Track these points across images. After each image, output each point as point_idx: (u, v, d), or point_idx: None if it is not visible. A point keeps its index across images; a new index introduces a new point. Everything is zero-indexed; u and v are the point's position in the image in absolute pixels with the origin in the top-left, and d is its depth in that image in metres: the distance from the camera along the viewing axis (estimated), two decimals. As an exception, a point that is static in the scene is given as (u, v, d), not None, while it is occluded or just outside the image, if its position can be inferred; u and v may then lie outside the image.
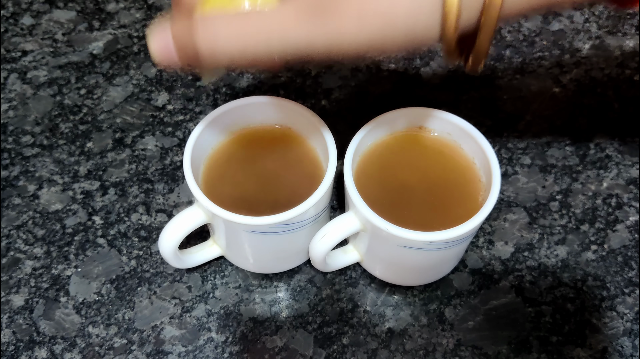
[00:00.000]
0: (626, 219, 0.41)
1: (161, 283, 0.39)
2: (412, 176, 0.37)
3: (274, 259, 0.38)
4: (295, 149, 0.38)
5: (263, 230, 0.33)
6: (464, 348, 0.36)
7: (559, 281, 0.39)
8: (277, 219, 0.32)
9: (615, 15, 0.52)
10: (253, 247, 0.36)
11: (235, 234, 0.35)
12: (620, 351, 0.37)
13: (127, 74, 0.47)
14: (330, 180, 0.34)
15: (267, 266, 0.39)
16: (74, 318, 0.37)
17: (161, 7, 0.51)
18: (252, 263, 0.39)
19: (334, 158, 0.34)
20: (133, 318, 0.37)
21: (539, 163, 0.44)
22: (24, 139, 0.44)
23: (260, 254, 0.37)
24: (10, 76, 0.47)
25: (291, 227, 0.34)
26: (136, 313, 0.37)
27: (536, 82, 0.48)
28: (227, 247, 0.37)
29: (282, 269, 0.39)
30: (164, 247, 0.34)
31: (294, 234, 0.35)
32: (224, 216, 0.32)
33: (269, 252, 0.37)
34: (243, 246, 0.36)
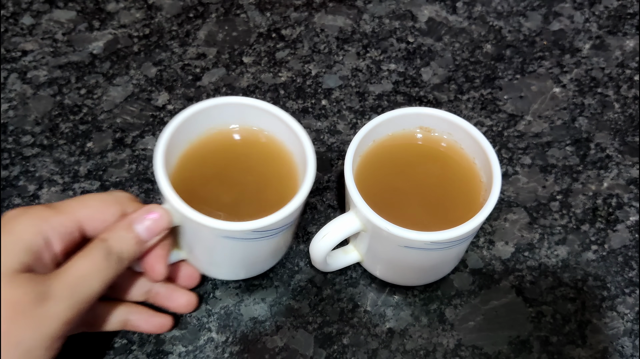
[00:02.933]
0: (626, 219, 0.41)
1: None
2: (412, 176, 0.37)
3: (241, 266, 0.38)
4: (273, 154, 0.37)
5: (236, 236, 0.32)
6: (464, 348, 0.36)
7: (560, 281, 0.39)
8: (254, 225, 0.31)
9: (616, 15, 0.52)
10: (221, 254, 0.36)
11: (205, 239, 0.34)
12: (621, 351, 0.37)
13: (127, 74, 0.47)
14: (309, 187, 0.33)
15: (234, 272, 0.38)
16: (74, 318, 0.37)
17: (161, 7, 0.51)
18: (216, 269, 0.38)
19: (313, 165, 0.34)
20: (133, 318, 0.37)
21: (539, 163, 0.44)
22: (24, 139, 0.44)
23: (229, 260, 0.37)
24: (10, 76, 0.47)
25: (265, 235, 0.33)
26: (136, 313, 0.37)
27: (536, 82, 0.48)
28: (190, 252, 0.36)
29: (247, 276, 0.39)
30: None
31: (266, 241, 0.34)
32: (197, 220, 0.31)
33: (239, 258, 0.36)
34: (211, 251, 0.36)
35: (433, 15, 0.52)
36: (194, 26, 0.50)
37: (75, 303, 0.28)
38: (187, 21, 0.50)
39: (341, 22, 0.51)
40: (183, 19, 0.51)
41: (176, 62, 0.48)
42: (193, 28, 0.50)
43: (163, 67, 0.48)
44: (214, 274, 0.38)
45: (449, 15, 0.52)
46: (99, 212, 0.32)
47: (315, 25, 0.51)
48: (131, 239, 0.31)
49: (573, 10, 0.52)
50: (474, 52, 0.49)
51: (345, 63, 0.49)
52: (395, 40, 0.50)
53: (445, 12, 0.52)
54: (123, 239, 0.31)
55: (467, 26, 0.51)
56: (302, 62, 0.48)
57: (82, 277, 0.29)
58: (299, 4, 0.52)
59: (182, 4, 0.52)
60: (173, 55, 0.48)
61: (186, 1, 0.52)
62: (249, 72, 0.48)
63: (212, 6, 0.51)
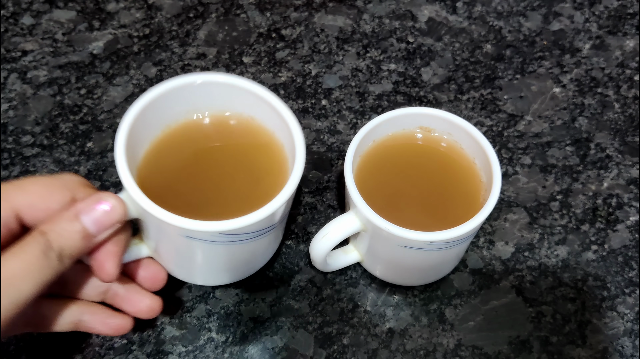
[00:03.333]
0: (626, 219, 0.41)
1: (161, 283, 0.38)
2: (412, 176, 0.37)
3: (209, 271, 0.35)
4: (258, 145, 0.33)
5: (202, 238, 0.28)
6: (464, 348, 0.36)
7: (560, 281, 0.39)
8: (222, 226, 0.27)
9: (616, 15, 0.52)
10: (185, 256, 0.32)
11: (168, 238, 0.30)
12: (621, 351, 0.37)
13: (127, 74, 0.47)
14: (294, 186, 0.28)
15: (201, 277, 0.36)
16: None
17: (161, 7, 0.51)
18: (182, 272, 0.34)
19: (301, 159, 0.30)
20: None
21: (539, 163, 0.44)
22: (24, 139, 0.44)
23: (194, 264, 0.33)
24: (10, 76, 0.47)
25: (237, 239, 0.29)
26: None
27: (536, 82, 0.48)
28: (155, 250, 0.33)
29: (217, 283, 0.37)
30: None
31: (239, 246, 0.30)
32: (155, 214, 0.27)
33: (206, 263, 0.33)
34: (175, 252, 0.32)
35: (433, 15, 0.52)
36: (194, 26, 0.50)
37: (6, 307, 0.24)
38: (187, 21, 0.50)
39: (341, 22, 0.51)
40: (183, 19, 0.51)
41: (176, 62, 0.48)
42: (193, 28, 0.50)
43: (163, 67, 0.48)
44: (181, 277, 0.35)
45: (449, 15, 0.52)
46: (41, 199, 0.28)
47: (315, 25, 0.51)
48: (76, 233, 0.27)
49: (573, 10, 0.52)
50: (474, 52, 0.49)
51: (345, 63, 0.49)
52: (395, 40, 0.50)
53: (445, 12, 0.52)
54: (66, 232, 0.27)
55: (467, 26, 0.51)
56: (302, 62, 0.48)
57: (13, 278, 0.25)
58: (299, 4, 0.52)
59: (182, 4, 0.51)
60: (173, 55, 0.48)
61: (186, 1, 0.52)
62: (249, 72, 0.48)
63: (212, 6, 0.51)
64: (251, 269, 0.36)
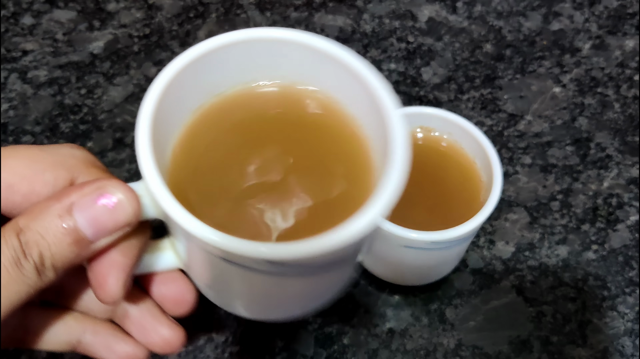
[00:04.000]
0: (627, 218, 0.41)
1: (161, 283, 0.38)
2: (412, 176, 0.32)
3: (250, 304, 0.26)
4: (338, 136, 0.24)
5: (243, 263, 0.19)
6: (464, 347, 0.36)
7: (560, 281, 0.39)
8: (275, 252, 0.18)
9: (616, 15, 0.52)
10: (220, 280, 0.23)
11: (198, 254, 0.21)
12: (621, 350, 0.37)
13: (127, 74, 0.47)
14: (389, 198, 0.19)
15: (239, 307, 0.26)
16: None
17: (161, 7, 0.51)
18: (216, 296, 0.26)
19: (400, 165, 0.20)
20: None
21: (539, 163, 0.44)
22: (24, 139, 0.44)
23: (232, 292, 0.25)
24: (10, 76, 0.47)
25: (297, 271, 0.20)
26: (136, 313, 0.37)
27: (537, 82, 0.48)
28: (186, 263, 0.24)
29: (261, 318, 0.30)
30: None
31: (298, 281, 0.21)
32: (179, 220, 0.18)
33: (246, 293, 0.24)
34: (207, 272, 0.23)
35: (433, 15, 0.52)
36: (194, 26, 0.50)
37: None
38: (187, 21, 0.50)
39: (341, 21, 0.51)
40: (183, 19, 0.51)
41: (176, 62, 0.48)
42: (193, 28, 0.50)
43: (163, 66, 0.48)
44: (214, 301, 0.26)
45: (449, 15, 0.52)
46: (23, 179, 0.20)
47: (315, 25, 0.51)
48: (65, 236, 0.19)
49: (573, 10, 0.52)
50: (474, 52, 0.49)
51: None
52: (396, 40, 0.50)
53: (446, 11, 0.52)
54: (51, 233, 0.19)
55: (467, 26, 0.51)
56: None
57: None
58: (299, 4, 0.52)
59: (182, 4, 0.51)
60: (173, 55, 0.48)
61: (186, 1, 0.52)
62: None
63: (213, 6, 0.51)
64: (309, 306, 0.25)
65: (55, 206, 0.19)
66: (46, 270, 0.19)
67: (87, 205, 0.19)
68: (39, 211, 0.19)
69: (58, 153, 0.21)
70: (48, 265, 0.19)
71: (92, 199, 0.19)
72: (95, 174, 0.21)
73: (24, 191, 0.20)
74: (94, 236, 0.20)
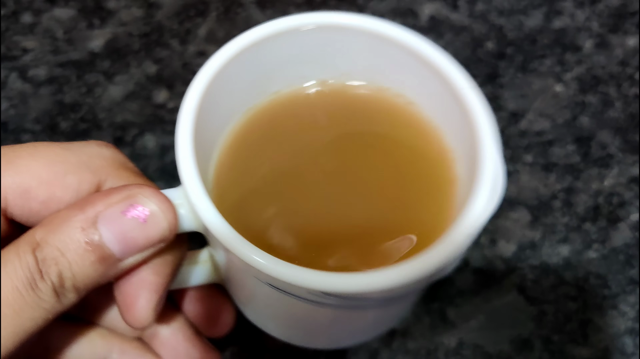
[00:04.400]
0: (628, 217, 0.41)
1: (162, 282, 0.38)
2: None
3: (297, 332, 0.23)
4: (406, 140, 0.20)
5: (293, 292, 0.16)
6: (466, 346, 0.36)
7: (561, 280, 0.39)
8: (333, 283, 0.15)
9: (617, 14, 0.52)
10: (264, 304, 0.21)
11: (241, 276, 0.19)
12: (622, 349, 0.37)
13: (127, 72, 0.47)
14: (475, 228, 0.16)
15: (285, 333, 0.24)
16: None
17: (161, 5, 0.51)
18: (257, 318, 0.24)
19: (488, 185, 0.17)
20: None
21: (540, 161, 0.44)
22: (24, 138, 0.44)
23: (276, 318, 0.22)
24: (10, 74, 0.47)
25: (356, 304, 0.17)
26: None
27: (538, 80, 0.48)
28: (227, 280, 0.21)
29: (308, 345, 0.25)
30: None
31: (353, 313, 0.18)
32: (224, 240, 0.16)
33: (293, 321, 0.22)
34: (250, 294, 0.21)
35: (434, 13, 0.52)
36: (195, 24, 0.50)
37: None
38: (187, 19, 0.50)
39: (342, 20, 0.51)
40: (183, 17, 0.50)
41: (177, 60, 0.48)
42: (194, 26, 0.50)
43: (163, 65, 0.48)
44: (253, 320, 0.24)
45: (450, 13, 0.52)
46: (42, 183, 0.17)
47: (316, 24, 0.51)
48: (88, 253, 0.16)
49: (574, 8, 0.52)
50: (475, 50, 0.49)
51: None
52: (396, 39, 0.50)
53: (447, 10, 0.52)
54: (72, 249, 0.16)
55: (469, 24, 0.51)
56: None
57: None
58: (300, 2, 0.52)
59: (182, 2, 0.51)
60: (173, 53, 0.48)
61: (186, -1, 0.52)
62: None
63: (213, 4, 0.51)
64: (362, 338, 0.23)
65: (77, 217, 0.16)
66: (66, 292, 0.16)
67: (115, 217, 0.16)
68: (58, 222, 0.16)
69: (83, 152, 0.19)
70: (68, 286, 0.16)
71: (121, 209, 0.16)
72: (126, 178, 0.19)
73: (42, 196, 0.18)
74: (122, 253, 0.17)
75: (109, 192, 0.17)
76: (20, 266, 0.16)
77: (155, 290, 0.18)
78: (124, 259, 0.17)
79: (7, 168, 0.17)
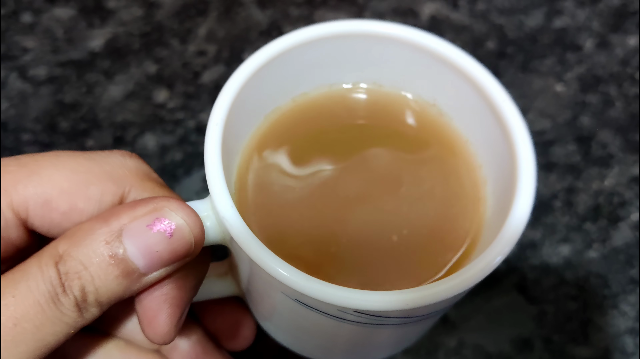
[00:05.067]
0: (628, 217, 0.41)
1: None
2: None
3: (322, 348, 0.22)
4: (436, 150, 0.20)
5: (322, 309, 0.16)
6: (466, 346, 0.36)
7: (562, 280, 0.39)
8: (364, 301, 0.15)
9: (617, 14, 0.52)
10: (289, 320, 0.20)
11: (264, 289, 0.18)
12: (622, 349, 0.37)
13: (127, 72, 0.47)
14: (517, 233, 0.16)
15: (307, 349, 0.24)
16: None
17: (161, 5, 0.51)
18: (278, 333, 0.23)
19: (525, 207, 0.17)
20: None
21: (541, 161, 0.44)
22: (24, 138, 0.44)
23: (301, 335, 0.21)
24: (10, 74, 0.47)
25: (384, 321, 0.17)
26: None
27: (538, 80, 0.48)
28: (247, 292, 0.21)
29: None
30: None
31: (381, 330, 0.18)
32: (254, 255, 0.16)
33: (319, 338, 0.21)
34: (273, 310, 0.20)
35: (435, 12, 0.51)
36: (195, 24, 0.50)
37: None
38: (187, 19, 0.50)
39: (343, 19, 0.51)
40: (183, 17, 0.50)
41: (176, 60, 0.48)
42: (193, 25, 0.50)
43: (163, 65, 0.48)
44: (274, 335, 0.24)
45: (451, 12, 0.51)
46: (64, 194, 0.17)
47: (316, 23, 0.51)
48: (112, 267, 0.16)
49: (575, 8, 0.52)
50: (475, 50, 0.49)
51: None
52: (397, 38, 0.50)
53: (447, 9, 0.52)
54: (96, 263, 0.16)
55: (469, 24, 0.51)
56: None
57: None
58: (300, 1, 0.52)
59: (182, 2, 0.51)
60: (173, 53, 0.48)
61: (187, -1, 0.52)
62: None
63: (213, 4, 0.51)
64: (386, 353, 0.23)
65: (102, 230, 0.16)
66: (89, 306, 0.16)
67: (140, 230, 0.16)
68: (82, 234, 0.16)
69: (106, 162, 0.18)
70: (91, 301, 0.16)
71: (147, 223, 0.16)
72: (150, 189, 0.18)
73: (64, 207, 0.17)
74: (147, 268, 0.16)
75: (134, 204, 0.16)
76: (42, 279, 0.15)
77: (177, 305, 0.17)
78: (148, 274, 0.17)
79: (29, 178, 0.17)
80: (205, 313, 0.22)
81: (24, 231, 0.18)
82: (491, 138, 0.18)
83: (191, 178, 0.42)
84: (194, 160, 0.43)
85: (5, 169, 0.17)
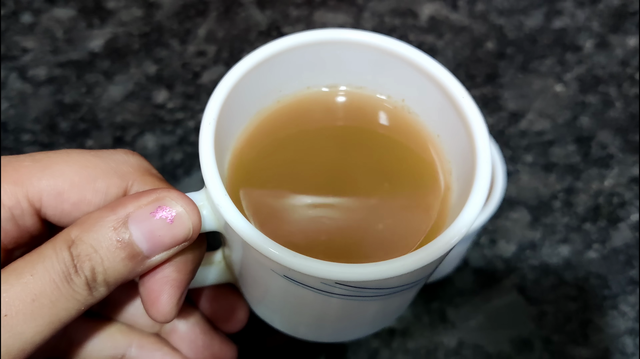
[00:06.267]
0: (628, 217, 0.41)
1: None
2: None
3: (308, 324, 0.24)
4: (407, 145, 0.22)
5: (307, 283, 0.18)
6: (465, 346, 0.36)
7: (561, 280, 0.39)
8: (344, 273, 0.17)
9: (617, 14, 0.52)
10: (277, 297, 0.22)
11: (255, 269, 0.20)
12: (622, 349, 0.37)
13: (127, 72, 0.47)
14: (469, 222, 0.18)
15: (293, 328, 0.25)
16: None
17: (161, 5, 0.51)
18: (268, 314, 0.25)
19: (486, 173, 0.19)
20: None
21: (541, 162, 0.44)
22: (24, 138, 0.44)
23: (288, 311, 0.23)
24: (10, 74, 0.47)
25: (365, 293, 0.19)
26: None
27: (538, 80, 0.48)
28: (240, 277, 0.23)
29: (316, 339, 0.26)
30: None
31: (361, 302, 0.20)
32: (245, 234, 0.18)
33: (305, 313, 0.22)
34: (264, 290, 0.22)
35: (434, 13, 0.52)
36: (194, 24, 0.50)
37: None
38: (187, 19, 0.50)
39: (342, 19, 0.51)
40: (183, 17, 0.50)
41: (176, 60, 0.48)
42: (193, 26, 0.50)
43: (163, 65, 0.48)
44: (263, 316, 0.25)
45: (450, 13, 0.51)
46: (74, 187, 0.19)
47: (315, 23, 0.51)
48: (119, 250, 0.18)
49: (574, 8, 0.52)
50: (475, 50, 0.49)
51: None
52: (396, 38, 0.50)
53: (447, 10, 0.52)
54: (105, 246, 0.18)
55: (469, 24, 0.51)
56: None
57: (11, 316, 0.16)
58: (300, 2, 0.52)
59: (182, 2, 0.51)
60: (173, 53, 0.48)
61: (186, -1, 0.52)
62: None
63: (213, 4, 0.51)
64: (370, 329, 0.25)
65: (110, 217, 0.18)
66: (98, 286, 0.18)
67: (144, 217, 0.18)
68: (92, 221, 0.18)
69: (112, 159, 0.20)
70: (100, 281, 0.18)
71: (150, 211, 0.18)
72: (151, 183, 0.20)
73: (74, 199, 0.19)
74: (150, 251, 0.18)
75: (138, 195, 0.19)
76: (57, 260, 0.17)
77: (177, 286, 0.20)
78: (152, 257, 0.19)
79: (43, 172, 0.19)
80: (201, 299, 0.24)
81: (37, 220, 0.20)
82: (455, 132, 0.21)
83: (191, 178, 0.42)
84: (193, 160, 0.43)
85: (21, 164, 0.19)
